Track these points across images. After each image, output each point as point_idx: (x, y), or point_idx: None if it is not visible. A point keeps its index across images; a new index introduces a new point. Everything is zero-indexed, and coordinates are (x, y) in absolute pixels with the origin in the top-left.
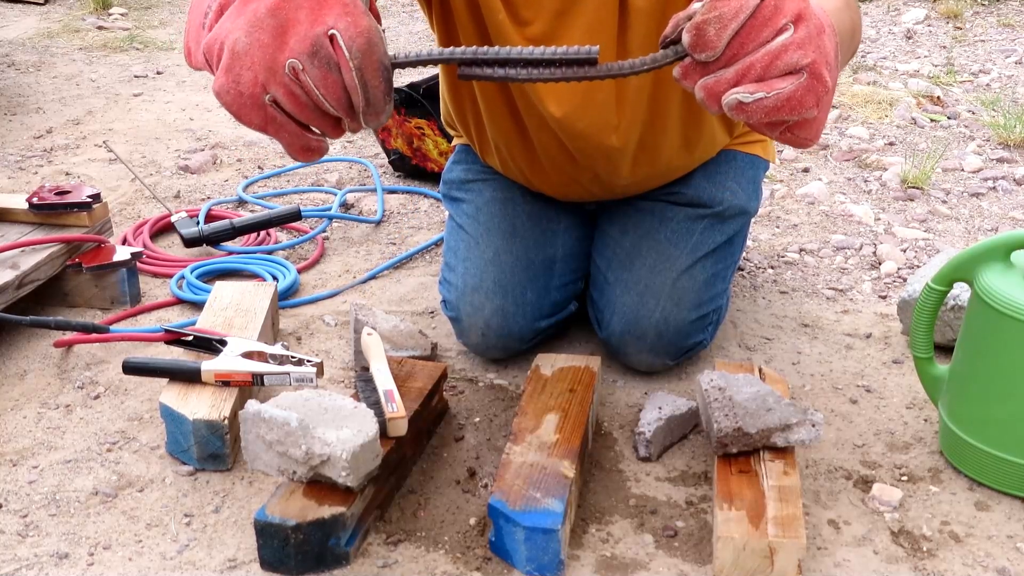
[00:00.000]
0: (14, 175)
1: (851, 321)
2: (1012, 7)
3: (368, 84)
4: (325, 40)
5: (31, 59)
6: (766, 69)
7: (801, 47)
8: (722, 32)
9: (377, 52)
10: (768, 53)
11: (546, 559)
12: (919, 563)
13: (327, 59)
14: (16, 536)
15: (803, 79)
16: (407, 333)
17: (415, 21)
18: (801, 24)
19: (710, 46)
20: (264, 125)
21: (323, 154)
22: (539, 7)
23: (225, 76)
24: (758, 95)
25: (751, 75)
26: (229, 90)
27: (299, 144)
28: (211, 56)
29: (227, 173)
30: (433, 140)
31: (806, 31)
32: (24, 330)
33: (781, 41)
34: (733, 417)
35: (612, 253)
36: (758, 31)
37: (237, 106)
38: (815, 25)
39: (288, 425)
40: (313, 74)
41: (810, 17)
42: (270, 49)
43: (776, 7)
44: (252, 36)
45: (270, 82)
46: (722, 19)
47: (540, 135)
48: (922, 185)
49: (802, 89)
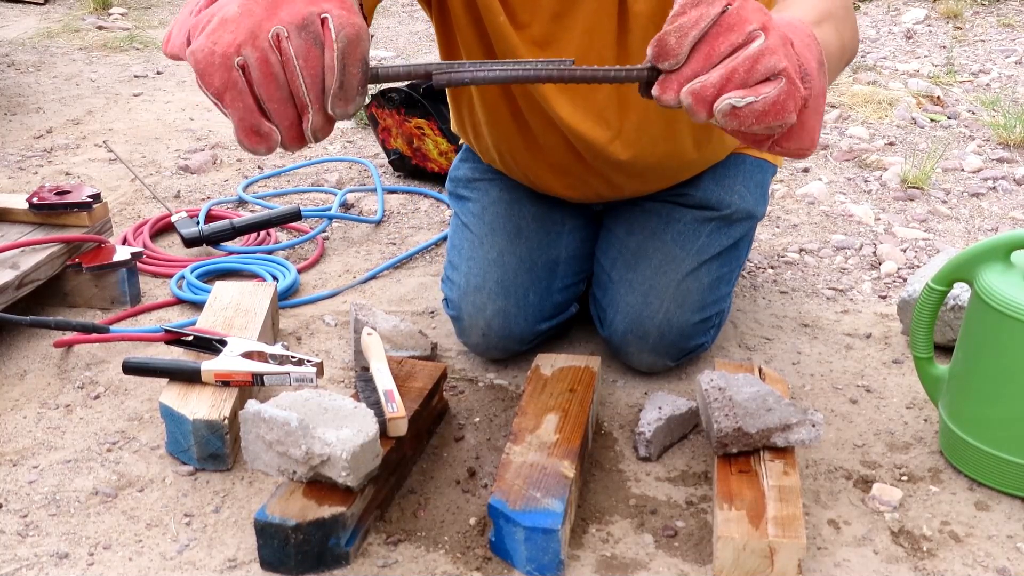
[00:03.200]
0: (14, 175)
1: (851, 321)
2: (1012, 7)
3: (347, 69)
4: (316, 19)
5: (31, 59)
6: (749, 73)
7: (775, 53)
8: (682, 40)
9: (362, 46)
10: (748, 58)
11: (546, 559)
12: (919, 563)
13: (315, 35)
14: (16, 536)
15: (783, 84)
16: (407, 333)
17: (415, 21)
18: (769, 32)
19: (671, 54)
20: (223, 89)
21: (271, 148)
22: (537, 9)
23: (205, 38)
24: (748, 99)
25: (735, 79)
26: (203, 48)
27: (249, 122)
28: (195, 30)
29: (227, 173)
30: (433, 140)
31: (776, 38)
32: (24, 330)
33: (757, 47)
34: (733, 417)
35: (617, 253)
36: (724, 36)
37: (205, 64)
38: (780, 35)
39: (288, 425)
40: (296, 44)
41: (775, 27)
42: (258, 17)
43: (739, 16)
44: (245, 7)
45: (247, 44)
46: (681, 28)
47: (546, 137)
48: (922, 185)
49: (784, 94)
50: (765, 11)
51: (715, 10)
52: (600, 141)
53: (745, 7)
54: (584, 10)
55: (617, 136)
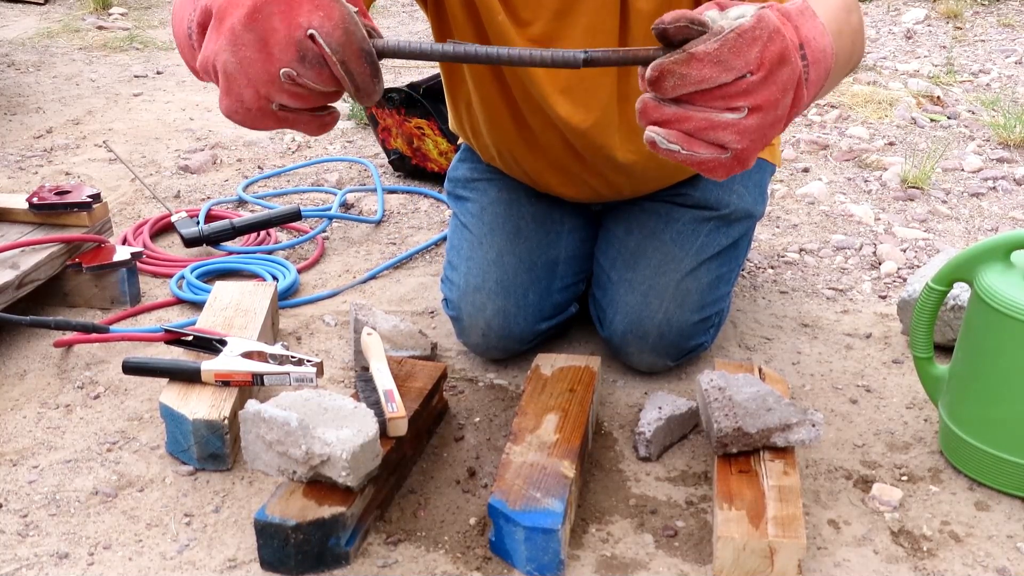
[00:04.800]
0: (14, 175)
1: (851, 321)
2: (1012, 7)
3: (354, 72)
4: (308, 42)
5: (31, 59)
6: (699, 131)
7: (741, 134)
8: (677, 89)
9: (356, 40)
10: (708, 121)
11: (546, 559)
12: (919, 563)
13: (316, 59)
14: (16, 536)
15: (724, 156)
16: (407, 333)
17: (415, 21)
18: (757, 114)
19: (661, 92)
20: (279, 126)
21: (337, 120)
22: (539, 7)
23: (228, 98)
24: (672, 147)
25: (685, 125)
26: (237, 110)
27: (315, 125)
28: (208, 76)
29: (227, 173)
30: (433, 140)
31: (758, 121)
32: (24, 330)
33: (727, 119)
34: (733, 417)
35: (617, 252)
36: (711, 100)
37: (251, 122)
38: (775, 116)
39: (288, 425)
40: (309, 75)
41: (772, 108)
42: (258, 63)
43: (745, 92)
44: (238, 55)
45: (272, 92)
46: (685, 79)
47: (545, 136)
48: (922, 185)
49: (717, 163)
50: (788, 85)
51: (725, 78)
52: (600, 139)
53: (761, 85)
54: (586, 7)
55: (617, 134)
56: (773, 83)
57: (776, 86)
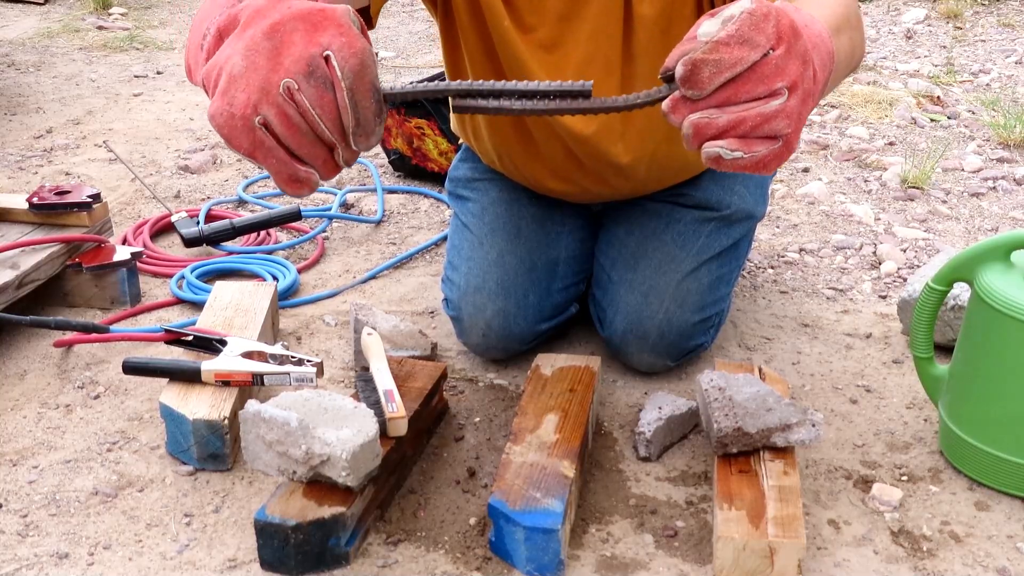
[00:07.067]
0: (14, 175)
1: (851, 321)
2: (1012, 7)
3: (359, 104)
4: (320, 60)
5: (31, 59)
6: (754, 128)
7: (789, 116)
8: (716, 77)
9: (369, 74)
10: (761, 115)
11: (546, 559)
12: (919, 563)
13: (323, 78)
14: (16, 536)
15: (777, 146)
16: (407, 333)
17: (415, 21)
18: (795, 93)
19: (700, 86)
20: (252, 150)
21: (313, 188)
22: (543, 12)
23: (220, 99)
24: (736, 154)
25: (740, 129)
26: (222, 113)
27: (286, 173)
28: (209, 82)
29: (227, 173)
30: (433, 140)
31: (798, 100)
32: (24, 330)
33: (776, 106)
34: (733, 417)
35: (617, 252)
36: (753, 85)
37: (228, 128)
38: (806, 90)
39: (288, 425)
40: (309, 93)
41: (802, 83)
42: (265, 70)
43: (777, 68)
44: (248, 59)
45: (263, 102)
46: (720, 64)
47: (547, 143)
48: (922, 185)
49: (773, 155)
50: (807, 57)
51: (755, 56)
52: (603, 145)
53: (786, 58)
54: (590, 13)
55: (620, 140)
56: (796, 56)
57: (799, 59)
